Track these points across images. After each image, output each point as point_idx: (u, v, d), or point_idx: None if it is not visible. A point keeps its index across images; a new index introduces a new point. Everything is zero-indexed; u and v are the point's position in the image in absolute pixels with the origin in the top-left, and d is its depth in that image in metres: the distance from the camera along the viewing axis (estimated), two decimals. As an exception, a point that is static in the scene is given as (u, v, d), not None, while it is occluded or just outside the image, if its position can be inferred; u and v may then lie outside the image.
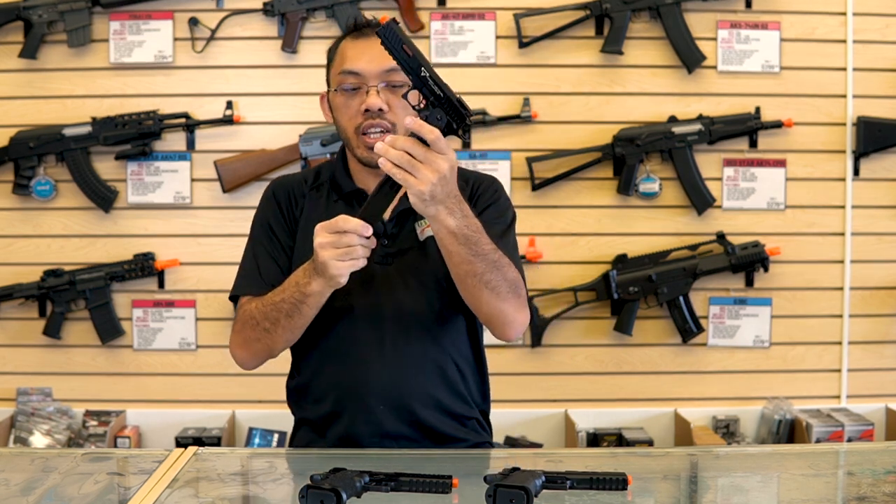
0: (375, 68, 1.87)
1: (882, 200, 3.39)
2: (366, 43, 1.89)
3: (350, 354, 1.91)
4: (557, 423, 3.39)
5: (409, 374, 1.90)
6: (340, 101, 1.92)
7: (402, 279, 1.93)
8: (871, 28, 3.34)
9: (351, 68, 1.89)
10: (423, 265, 1.93)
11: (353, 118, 1.90)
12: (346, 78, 1.90)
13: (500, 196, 2.03)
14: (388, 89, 1.88)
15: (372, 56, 1.86)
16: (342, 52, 1.93)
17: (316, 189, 2.00)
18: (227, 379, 3.33)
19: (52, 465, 1.76)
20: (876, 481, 1.66)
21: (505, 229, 2.00)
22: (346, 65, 1.90)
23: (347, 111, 1.91)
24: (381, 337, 1.91)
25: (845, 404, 3.41)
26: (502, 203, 2.03)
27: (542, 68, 3.33)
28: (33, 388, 3.34)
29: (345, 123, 1.92)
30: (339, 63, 1.93)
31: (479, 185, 2.02)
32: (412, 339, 1.92)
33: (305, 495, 1.41)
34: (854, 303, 3.41)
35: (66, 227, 3.34)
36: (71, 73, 3.30)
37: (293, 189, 2.01)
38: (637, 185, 3.34)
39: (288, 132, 3.29)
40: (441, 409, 1.93)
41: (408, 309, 1.92)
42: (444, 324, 1.95)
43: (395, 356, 1.90)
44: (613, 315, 3.37)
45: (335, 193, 1.98)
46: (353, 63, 1.89)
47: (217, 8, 3.30)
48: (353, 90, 1.90)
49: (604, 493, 1.52)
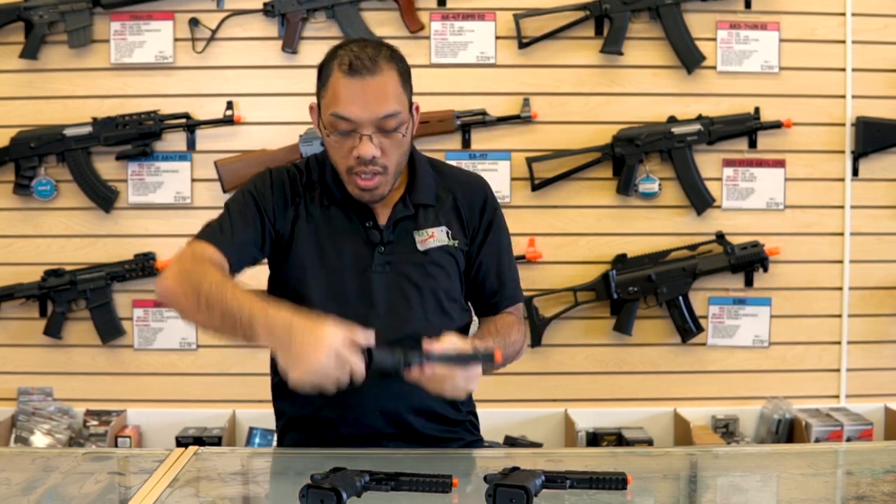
0: (369, 116, 1.79)
1: (881, 200, 3.39)
2: (360, 85, 1.79)
3: None
4: (557, 423, 3.39)
5: (400, 381, 1.89)
6: (332, 140, 1.85)
7: (398, 288, 1.91)
8: (871, 28, 3.34)
9: (344, 114, 1.80)
10: (422, 275, 1.92)
11: (345, 159, 1.84)
12: (339, 123, 1.81)
13: (495, 212, 2.02)
14: (381, 133, 1.82)
15: (366, 102, 1.79)
16: (334, 88, 1.82)
17: (308, 188, 1.96)
18: (228, 379, 3.33)
19: (53, 465, 1.76)
20: (875, 481, 1.67)
21: (508, 250, 2.04)
22: (339, 109, 1.80)
23: (340, 151, 1.85)
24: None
25: (844, 404, 3.41)
26: (497, 219, 2.02)
27: (542, 68, 3.34)
28: (34, 388, 3.35)
29: (336, 160, 1.87)
30: (330, 99, 1.83)
31: (470, 201, 1.99)
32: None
33: (306, 495, 1.41)
34: (853, 303, 3.41)
35: (66, 227, 3.34)
36: (72, 73, 3.30)
37: (289, 180, 1.95)
38: (637, 185, 3.34)
39: (288, 132, 3.29)
40: (433, 415, 1.94)
41: (402, 319, 1.90)
42: (439, 333, 1.91)
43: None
44: (613, 315, 3.38)
45: (326, 198, 1.93)
46: (346, 108, 1.80)
47: (217, 8, 3.31)
48: (346, 134, 1.82)
49: (604, 493, 1.52)
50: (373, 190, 1.86)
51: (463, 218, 1.98)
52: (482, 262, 2.00)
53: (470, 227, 1.99)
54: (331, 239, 1.92)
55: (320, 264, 1.91)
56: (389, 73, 1.82)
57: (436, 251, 1.94)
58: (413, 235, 1.93)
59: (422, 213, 1.95)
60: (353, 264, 1.90)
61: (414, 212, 1.94)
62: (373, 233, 1.91)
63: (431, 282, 1.92)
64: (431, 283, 1.92)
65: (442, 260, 1.94)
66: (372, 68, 1.79)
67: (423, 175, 1.97)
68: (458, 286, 1.99)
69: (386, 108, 1.80)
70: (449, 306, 1.95)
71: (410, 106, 1.89)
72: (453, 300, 1.97)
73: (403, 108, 1.84)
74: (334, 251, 1.91)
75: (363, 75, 1.79)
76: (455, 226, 1.97)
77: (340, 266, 1.90)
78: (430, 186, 1.97)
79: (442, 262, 1.94)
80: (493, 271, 2.01)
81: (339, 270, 1.90)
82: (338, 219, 1.93)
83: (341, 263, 1.90)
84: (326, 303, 1.87)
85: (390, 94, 1.81)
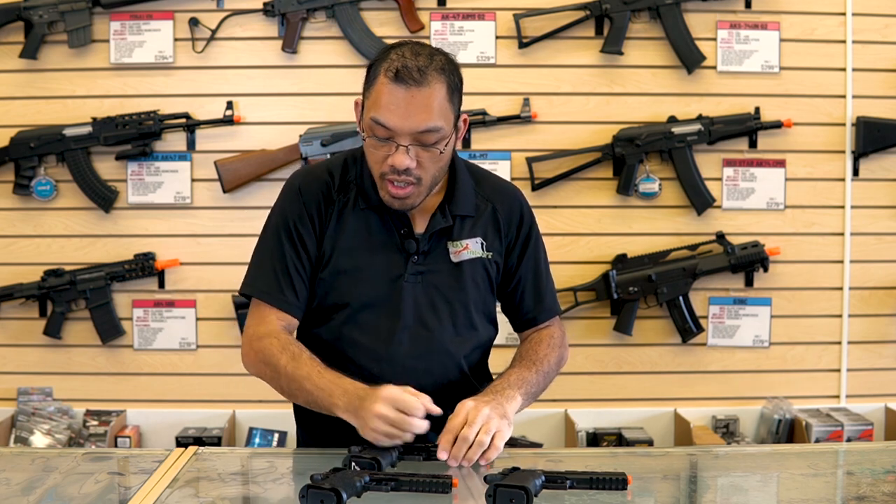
0: (408, 127, 1.75)
1: (881, 200, 3.39)
2: (404, 94, 1.74)
3: (366, 368, 1.87)
4: (557, 423, 3.39)
5: (423, 391, 1.88)
6: (369, 144, 1.81)
7: (428, 299, 1.89)
8: (871, 28, 3.34)
9: (382, 121, 1.75)
10: (452, 287, 1.90)
11: (380, 164, 1.80)
12: (377, 128, 1.77)
13: (532, 224, 2.00)
14: (419, 146, 1.78)
15: (407, 113, 1.74)
16: (377, 92, 1.77)
17: (343, 191, 1.91)
18: (228, 379, 3.33)
19: (53, 465, 1.76)
20: (875, 481, 1.67)
21: (545, 262, 2.02)
22: (380, 114, 1.75)
23: (375, 155, 1.81)
24: (398, 353, 1.88)
25: (844, 404, 3.41)
26: (534, 232, 2.00)
27: (542, 68, 3.33)
28: (34, 388, 3.35)
29: (371, 163, 1.84)
30: (373, 102, 1.78)
31: (508, 212, 1.97)
32: (433, 361, 1.89)
33: (306, 495, 1.41)
34: (853, 303, 3.41)
35: (66, 227, 3.34)
36: (71, 73, 3.30)
37: (322, 191, 1.90)
38: (637, 185, 3.34)
39: (288, 132, 3.29)
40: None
41: (430, 330, 1.89)
42: (465, 346, 1.93)
43: (411, 375, 1.86)
44: (613, 315, 3.38)
45: (363, 201, 1.90)
46: (386, 116, 1.75)
47: (217, 8, 3.31)
48: (383, 140, 1.78)
49: (604, 493, 1.52)
50: (403, 199, 1.82)
51: (501, 229, 1.95)
52: (521, 276, 1.99)
53: (507, 239, 1.96)
54: (363, 245, 1.89)
55: (352, 271, 1.89)
56: (437, 85, 1.76)
57: (468, 263, 1.92)
58: (447, 246, 1.91)
59: (458, 224, 1.92)
60: (385, 272, 1.88)
61: (452, 222, 1.91)
62: (409, 242, 1.88)
63: (462, 295, 1.91)
64: (462, 295, 1.91)
65: (475, 272, 1.92)
66: (419, 80, 1.74)
67: (464, 185, 1.93)
68: (489, 298, 1.97)
69: (427, 122, 1.76)
70: (478, 319, 1.93)
71: (457, 119, 1.84)
72: (482, 313, 1.95)
73: (447, 122, 1.79)
74: (367, 258, 1.89)
75: (409, 85, 1.74)
76: (491, 236, 1.94)
77: (372, 273, 1.88)
78: (470, 197, 1.94)
79: (475, 274, 1.92)
80: (531, 285, 2.00)
81: (370, 277, 1.88)
82: (373, 224, 1.89)
83: (373, 271, 1.88)
84: (355, 310, 1.87)
85: (434, 108, 1.76)
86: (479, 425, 1.67)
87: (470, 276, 1.92)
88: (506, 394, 1.79)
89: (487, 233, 1.94)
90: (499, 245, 1.95)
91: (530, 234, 1.99)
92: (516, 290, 2.00)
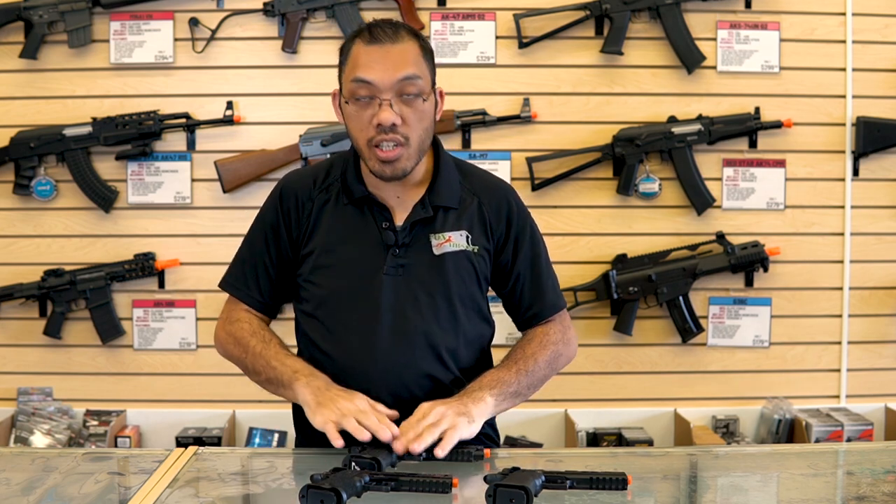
0: (389, 79, 1.77)
1: (881, 200, 3.39)
2: (380, 50, 1.79)
3: (349, 366, 1.87)
4: (557, 423, 3.39)
5: (408, 389, 1.87)
6: (352, 111, 1.82)
7: (410, 294, 1.87)
8: (871, 28, 3.35)
9: (364, 77, 1.78)
10: (434, 280, 1.88)
11: (365, 130, 1.81)
12: (358, 88, 1.79)
13: (525, 220, 1.98)
14: (401, 100, 1.79)
15: (386, 66, 1.78)
16: (354, 57, 1.81)
17: (325, 190, 1.92)
18: (228, 379, 3.32)
19: (53, 465, 1.76)
20: (875, 481, 1.67)
21: (544, 257, 2.00)
22: (359, 72, 1.79)
23: (359, 122, 1.81)
24: (382, 350, 1.86)
25: (845, 404, 3.41)
26: (529, 228, 1.99)
27: (542, 68, 3.34)
28: (34, 388, 3.35)
29: (356, 134, 1.83)
30: (351, 68, 1.81)
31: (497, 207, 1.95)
32: (415, 355, 1.87)
33: (305, 495, 1.41)
34: (853, 303, 3.41)
35: (66, 227, 3.34)
36: (71, 73, 3.30)
37: (300, 193, 1.93)
38: (637, 185, 3.34)
39: (288, 132, 3.29)
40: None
41: (413, 326, 1.87)
42: (449, 340, 1.90)
43: (394, 372, 1.86)
44: (613, 315, 3.38)
45: (345, 196, 1.91)
46: (366, 72, 1.78)
47: (217, 8, 3.31)
48: (366, 100, 1.80)
49: (604, 493, 1.52)
50: (394, 162, 1.81)
51: (488, 223, 1.93)
52: (518, 273, 1.97)
53: (496, 235, 1.95)
54: (344, 240, 1.89)
55: (332, 266, 1.89)
56: (410, 42, 1.82)
57: (451, 256, 1.89)
58: (430, 238, 1.89)
59: (441, 216, 1.90)
60: (365, 265, 1.87)
61: (433, 214, 1.89)
62: (388, 234, 1.88)
63: (444, 288, 1.89)
64: (444, 289, 1.89)
65: (458, 265, 1.90)
66: (393, 36, 1.80)
67: (447, 176, 1.92)
68: (477, 294, 1.94)
69: (405, 70, 1.77)
70: (462, 313, 1.91)
71: (433, 83, 1.86)
72: (469, 307, 1.92)
73: (424, 76, 1.82)
74: (347, 252, 1.89)
75: (383, 42, 1.79)
76: (477, 230, 1.92)
77: (352, 267, 1.88)
78: (454, 188, 1.93)
79: (458, 267, 1.90)
80: (530, 282, 1.98)
81: (349, 271, 1.88)
82: (353, 218, 1.90)
83: (353, 264, 1.88)
84: (335, 304, 1.87)
85: (410, 59, 1.80)
86: (430, 420, 1.70)
87: (453, 268, 1.89)
88: (473, 395, 1.80)
89: (473, 227, 1.92)
90: (485, 240, 1.93)
91: (523, 231, 1.97)
92: (515, 288, 1.99)
